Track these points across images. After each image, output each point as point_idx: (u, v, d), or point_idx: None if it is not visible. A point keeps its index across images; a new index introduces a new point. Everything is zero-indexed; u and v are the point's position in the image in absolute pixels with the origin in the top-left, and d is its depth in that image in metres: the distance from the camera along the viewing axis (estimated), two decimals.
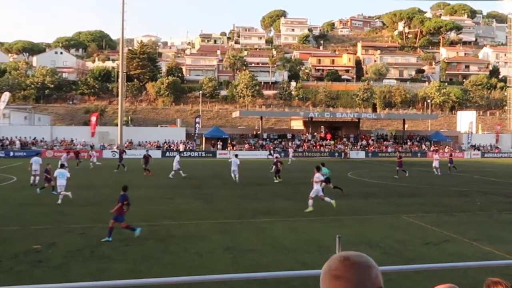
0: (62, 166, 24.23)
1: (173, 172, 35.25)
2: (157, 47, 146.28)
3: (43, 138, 59.54)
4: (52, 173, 24.34)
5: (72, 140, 59.82)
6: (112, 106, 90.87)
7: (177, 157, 36.81)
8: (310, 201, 20.30)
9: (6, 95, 64.28)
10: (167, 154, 59.47)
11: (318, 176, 20.98)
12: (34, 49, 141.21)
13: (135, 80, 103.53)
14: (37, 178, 28.35)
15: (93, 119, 63.51)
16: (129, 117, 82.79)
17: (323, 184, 23.83)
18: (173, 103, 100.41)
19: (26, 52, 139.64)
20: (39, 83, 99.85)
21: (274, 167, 35.80)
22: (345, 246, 5.60)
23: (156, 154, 58.18)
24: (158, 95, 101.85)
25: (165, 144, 63.43)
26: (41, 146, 56.42)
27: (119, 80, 66.68)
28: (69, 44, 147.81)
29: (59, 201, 21.98)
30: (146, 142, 62.61)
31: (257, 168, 43.19)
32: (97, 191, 26.64)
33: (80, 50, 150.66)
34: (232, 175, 32.70)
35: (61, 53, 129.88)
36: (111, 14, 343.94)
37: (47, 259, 12.37)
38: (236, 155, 35.37)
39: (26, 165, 36.02)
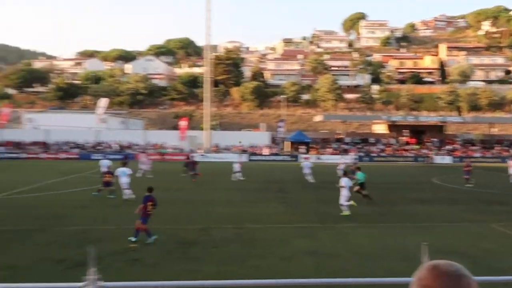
0: (124, 164, 25.53)
1: (237, 175, 35.68)
2: (240, 53, 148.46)
3: (137, 142, 62.01)
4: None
5: (162, 144, 61.89)
6: (199, 111, 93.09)
7: (237, 162, 36.81)
8: (344, 207, 20.55)
9: (105, 101, 67.54)
10: (252, 158, 60.20)
11: (344, 181, 20.94)
12: (128, 57, 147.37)
13: (221, 85, 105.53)
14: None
15: (183, 123, 65.34)
16: (216, 122, 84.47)
17: (356, 188, 23.88)
18: (257, 107, 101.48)
19: (121, 60, 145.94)
20: (133, 89, 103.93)
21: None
22: (432, 255, 5.55)
23: (242, 158, 59.04)
24: (242, 100, 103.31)
25: (250, 148, 64.09)
26: (135, 150, 58.80)
27: (206, 85, 68.28)
28: (159, 51, 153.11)
29: (126, 197, 23.41)
30: (231, 145, 63.64)
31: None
32: (185, 193, 27.45)
33: (170, 57, 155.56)
34: (307, 178, 32.96)
35: (153, 60, 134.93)
36: (197, 21, 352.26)
37: (142, 258, 12.98)
38: (307, 158, 35.58)
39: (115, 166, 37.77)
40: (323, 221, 18.68)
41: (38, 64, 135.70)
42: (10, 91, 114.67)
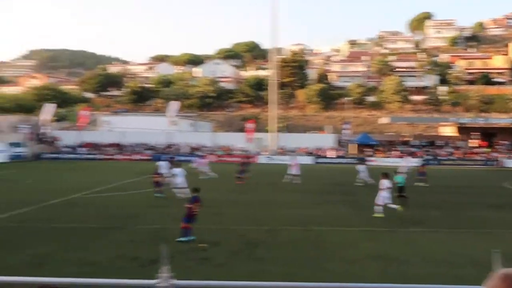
0: (179, 165, 26.46)
1: (289, 177, 35.24)
2: (305, 55, 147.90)
3: (206, 144, 63.10)
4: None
5: (230, 146, 62.65)
6: (265, 113, 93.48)
7: (293, 164, 36.01)
8: (378, 208, 20.33)
9: (175, 104, 69.19)
10: (318, 160, 59.84)
11: (383, 183, 20.57)
12: (197, 61, 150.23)
13: (286, 87, 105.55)
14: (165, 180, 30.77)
15: (250, 125, 65.89)
16: (286, 124, 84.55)
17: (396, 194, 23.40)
18: (322, 109, 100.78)
19: (190, 64, 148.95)
20: (202, 93, 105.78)
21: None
22: (504, 263, 5.41)
23: (306, 160, 58.95)
24: (308, 102, 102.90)
25: (316, 150, 63.63)
26: (204, 152, 59.84)
27: (272, 88, 68.54)
28: (227, 55, 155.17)
29: (182, 196, 24.01)
30: (297, 148, 63.49)
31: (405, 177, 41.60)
32: (251, 195, 27.72)
33: (237, 60, 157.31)
34: (364, 180, 32.55)
35: (220, 63, 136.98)
36: (263, 25, 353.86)
37: (212, 257, 13.24)
38: (362, 160, 35.18)
39: (190, 168, 38.52)
40: (389, 225, 18.37)
41: (113, 69, 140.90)
42: (89, 95, 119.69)
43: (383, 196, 20.51)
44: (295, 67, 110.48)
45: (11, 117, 67.85)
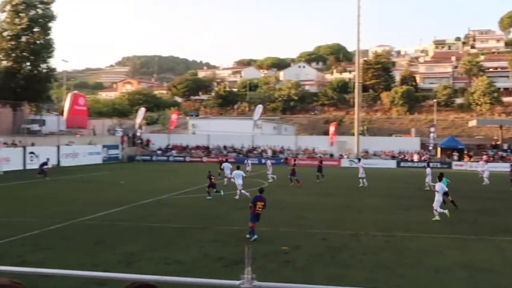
0: (238, 167, 27.83)
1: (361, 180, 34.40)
2: (391, 57, 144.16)
3: (289, 147, 63.11)
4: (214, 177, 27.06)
5: (313, 149, 62.28)
6: (349, 116, 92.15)
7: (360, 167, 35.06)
8: (435, 211, 19.90)
9: (260, 108, 69.87)
10: (401, 164, 58.07)
11: (438, 186, 20.12)
12: (281, 64, 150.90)
13: (370, 90, 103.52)
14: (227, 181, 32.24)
15: (332, 128, 65.26)
16: (365, 127, 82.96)
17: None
18: (407, 112, 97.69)
19: (275, 67, 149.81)
20: (285, 96, 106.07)
21: None
22: None
23: (390, 164, 57.48)
24: (392, 105, 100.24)
25: (400, 154, 61.60)
26: (287, 154, 59.88)
27: (355, 90, 67.47)
28: (310, 58, 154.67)
29: (237, 197, 25.01)
30: (381, 152, 61.97)
31: (497, 181, 39.28)
32: (335, 198, 27.40)
33: (320, 63, 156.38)
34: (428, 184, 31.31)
35: (304, 67, 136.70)
36: (347, 27, 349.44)
37: (293, 260, 13.20)
38: (429, 164, 34.33)
39: (275, 171, 38.74)
40: (477, 233, 17.46)
41: (202, 74, 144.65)
42: (178, 99, 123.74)
43: (438, 200, 20.17)
44: (379, 69, 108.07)
45: (108, 120, 71.52)
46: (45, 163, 37.46)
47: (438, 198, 20.22)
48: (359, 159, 40.58)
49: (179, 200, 25.31)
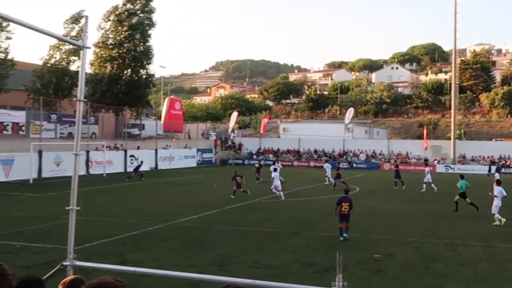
0: (275, 170, 29.97)
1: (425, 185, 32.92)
2: (491, 56, 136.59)
3: (381, 151, 61.67)
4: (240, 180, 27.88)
5: (407, 154, 60.41)
6: (445, 119, 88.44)
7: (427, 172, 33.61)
8: (496, 216, 19.80)
9: (351, 111, 69.00)
10: (503, 170, 54.59)
11: (497, 190, 19.50)
12: (373, 66, 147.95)
13: (468, 91, 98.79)
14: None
15: (425, 132, 63.03)
16: (462, 131, 79.19)
17: (456, 198, 22.77)
18: (508, 115, 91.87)
19: (366, 69, 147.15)
20: (377, 98, 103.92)
21: None
22: None
23: (487, 170, 54.35)
24: (492, 107, 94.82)
25: (500, 160, 57.73)
26: (379, 159, 58.64)
27: (452, 92, 64.65)
28: (403, 59, 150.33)
29: (283, 198, 26.52)
30: (479, 157, 58.65)
31: None
32: (428, 205, 26.47)
33: (414, 64, 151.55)
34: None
35: (397, 68, 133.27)
36: (443, 25, 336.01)
37: (385, 269, 12.94)
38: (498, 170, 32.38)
39: (366, 176, 38.19)
40: None
41: (293, 77, 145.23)
42: (270, 102, 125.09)
43: (497, 205, 19.78)
44: (478, 69, 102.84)
45: (202, 124, 73.73)
46: (139, 166, 39.61)
47: (496, 203, 19.90)
48: (426, 163, 39.46)
49: (270, 204, 25.61)
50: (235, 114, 72.16)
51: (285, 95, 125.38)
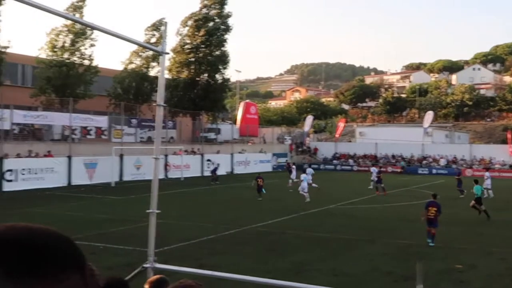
0: (306, 172, 31.00)
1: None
2: None
3: (463, 156, 59.18)
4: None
5: (490, 159, 57.59)
6: None
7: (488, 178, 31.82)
8: None
9: (430, 114, 66.84)
10: None
11: None
12: (453, 67, 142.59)
13: None
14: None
15: (510, 136, 59.81)
16: None
17: (472, 202, 22.08)
18: None
19: (446, 70, 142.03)
20: (458, 101, 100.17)
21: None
22: None
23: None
24: None
25: None
26: (460, 165, 56.33)
27: None
28: (486, 59, 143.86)
29: (307, 199, 26.97)
30: None
31: None
32: None
33: (497, 64, 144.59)
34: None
35: (479, 69, 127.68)
36: None
37: (468, 281, 12.45)
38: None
39: (447, 182, 36.80)
40: None
41: (369, 80, 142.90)
42: (345, 106, 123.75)
43: None
44: None
45: (277, 129, 74.04)
46: (216, 169, 40.63)
47: None
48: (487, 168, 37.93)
49: (347, 211, 25.28)
50: (310, 118, 71.91)
51: (361, 98, 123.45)
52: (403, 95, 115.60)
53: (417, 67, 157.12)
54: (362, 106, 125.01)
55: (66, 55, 43.08)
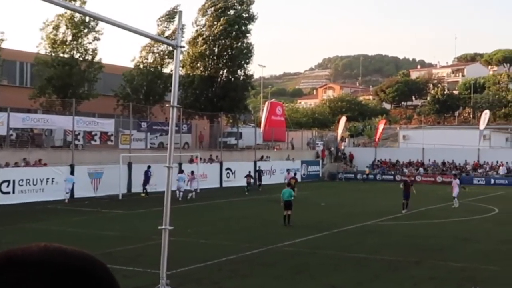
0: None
1: None
2: None
3: None
4: None
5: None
6: None
7: None
8: None
9: (487, 114, 65.91)
10: None
11: None
12: None
13: None
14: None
15: None
16: None
17: None
18: None
19: (507, 62, 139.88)
20: None
21: None
22: None
23: None
24: None
25: None
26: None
27: None
28: None
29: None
30: None
31: None
32: None
33: None
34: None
35: None
36: None
37: None
38: None
39: (507, 194, 36.34)
40: None
41: (415, 75, 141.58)
42: (387, 105, 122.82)
43: None
44: None
45: (307, 132, 73.75)
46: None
47: None
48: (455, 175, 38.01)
49: (388, 227, 25.21)
50: (343, 120, 71.69)
51: (405, 96, 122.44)
52: (455, 92, 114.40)
53: (472, 58, 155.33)
54: (406, 105, 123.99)
55: (67, 51, 43.56)
